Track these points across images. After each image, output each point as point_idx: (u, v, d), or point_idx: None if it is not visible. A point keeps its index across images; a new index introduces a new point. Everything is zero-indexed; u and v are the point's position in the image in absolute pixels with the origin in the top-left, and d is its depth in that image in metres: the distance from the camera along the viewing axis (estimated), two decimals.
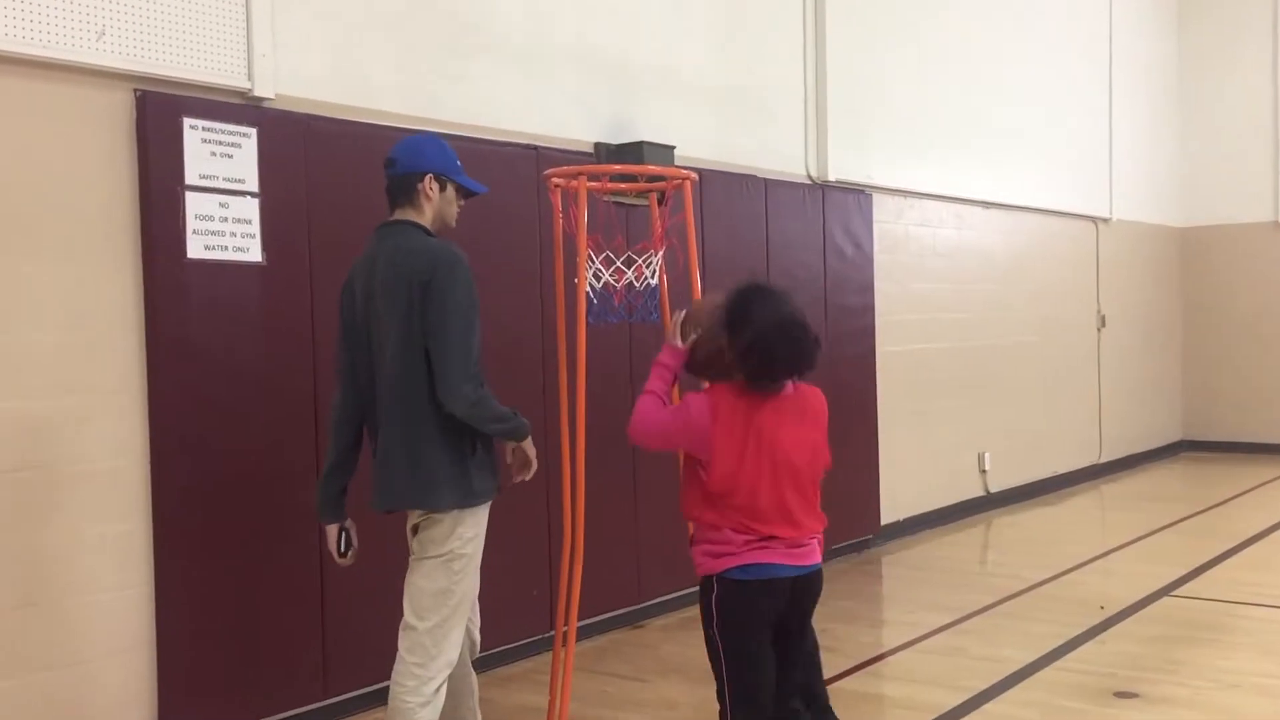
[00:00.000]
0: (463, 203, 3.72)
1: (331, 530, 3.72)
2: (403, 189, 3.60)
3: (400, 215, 3.62)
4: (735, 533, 3.21)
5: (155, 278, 4.28)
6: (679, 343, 3.43)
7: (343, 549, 3.73)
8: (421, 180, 3.58)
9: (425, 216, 3.61)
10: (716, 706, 3.26)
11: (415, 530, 3.62)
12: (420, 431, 3.47)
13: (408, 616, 3.57)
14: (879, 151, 8.28)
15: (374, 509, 3.63)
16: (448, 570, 3.52)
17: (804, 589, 3.31)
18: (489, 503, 3.61)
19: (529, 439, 3.71)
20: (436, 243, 3.55)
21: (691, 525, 3.48)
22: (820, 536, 3.36)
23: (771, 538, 3.21)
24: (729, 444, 3.20)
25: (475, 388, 3.43)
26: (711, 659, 3.32)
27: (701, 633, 3.37)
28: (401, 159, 3.61)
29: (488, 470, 3.59)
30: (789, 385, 3.30)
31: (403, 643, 3.55)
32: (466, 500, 3.51)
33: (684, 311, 3.52)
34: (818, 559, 3.35)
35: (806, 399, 3.35)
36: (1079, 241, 11.11)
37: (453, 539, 3.52)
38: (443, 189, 3.62)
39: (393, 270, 3.49)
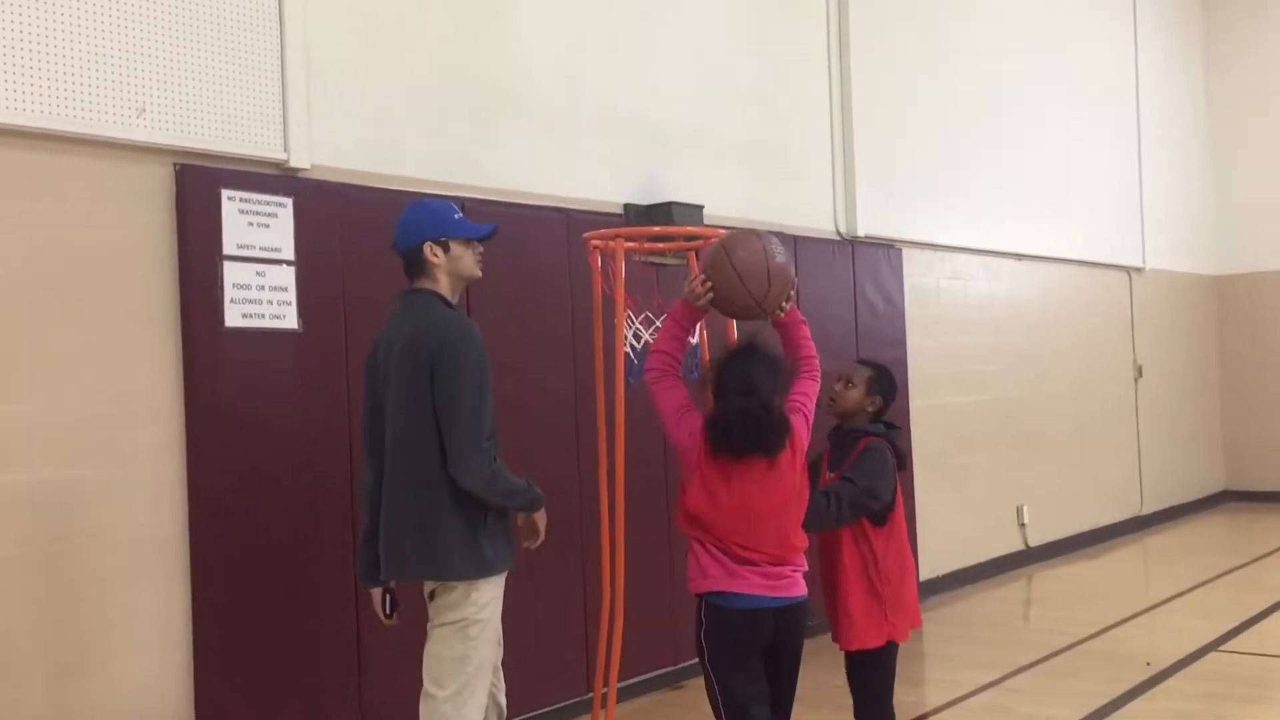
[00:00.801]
0: (480, 250, 3.69)
1: (376, 594, 3.72)
2: (411, 263, 3.63)
3: (418, 285, 3.64)
4: (712, 557, 3.39)
5: (194, 346, 4.34)
6: (699, 304, 3.53)
7: (388, 611, 3.72)
8: (421, 250, 3.58)
9: (441, 282, 3.61)
10: None
11: (431, 596, 3.60)
12: (432, 500, 3.45)
13: (427, 685, 3.54)
14: (908, 205, 8.30)
15: (384, 579, 3.64)
16: (464, 637, 3.49)
17: (789, 621, 3.41)
18: (504, 572, 3.59)
19: (541, 510, 3.70)
20: (449, 315, 3.55)
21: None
22: (803, 569, 3.45)
23: (747, 562, 3.35)
24: (705, 483, 3.35)
25: (488, 462, 3.42)
26: (710, 699, 3.42)
27: None
28: (399, 238, 3.64)
29: (501, 539, 3.56)
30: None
31: (424, 712, 3.52)
32: (480, 571, 3.49)
33: (703, 276, 3.53)
34: (800, 591, 3.42)
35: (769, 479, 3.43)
36: (1113, 291, 11.05)
37: (468, 605, 3.49)
38: (446, 249, 3.60)
39: (404, 344, 3.50)
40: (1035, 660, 6.28)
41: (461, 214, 3.70)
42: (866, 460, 3.81)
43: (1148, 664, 6.12)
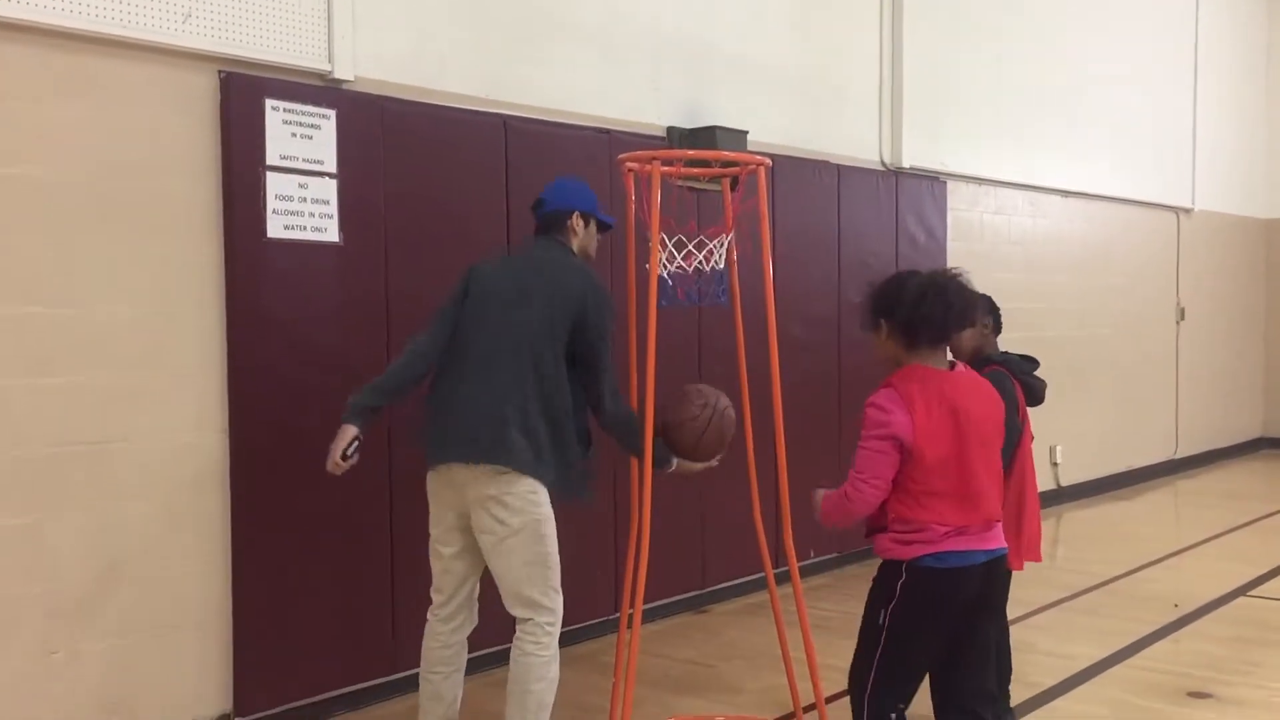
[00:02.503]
0: (599, 236, 4.09)
1: (350, 432, 3.76)
2: (553, 223, 3.98)
3: (554, 237, 3.99)
4: (936, 524, 3.10)
5: (236, 256, 4.36)
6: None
7: (349, 453, 3.76)
8: (570, 218, 3.97)
9: (572, 246, 3.98)
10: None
11: (482, 506, 3.68)
12: (550, 417, 3.74)
13: (517, 590, 3.73)
14: (954, 138, 8.17)
15: (449, 460, 3.74)
16: (538, 537, 3.72)
17: (996, 573, 3.25)
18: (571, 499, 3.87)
19: (672, 469, 4.03)
20: (594, 275, 3.95)
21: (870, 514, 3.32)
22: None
23: (967, 528, 3.11)
24: (931, 425, 3.09)
25: (628, 408, 3.95)
26: (864, 633, 3.24)
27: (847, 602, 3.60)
28: (550, 199, 4.00)
29: (577, 475, 3.87)
30: (959, 364, 3.29)
31: (521, 611, 3.74)
32: (567, 487, 3.81)
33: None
34: (1004, 543, 3.25)
35: (980, 381, 3.31)
36: (1159, 232, 10.86)
37: (537, 507, 3.72)
38: (587, 225, 4.00)
39: (558, 282, 3.81)
40: (1060, 599, 6.30)
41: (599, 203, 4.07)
42: None
43: (1175, 606, 6.13)
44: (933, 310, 3.14)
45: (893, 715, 3.19)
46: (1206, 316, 11.52)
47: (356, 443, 3.78)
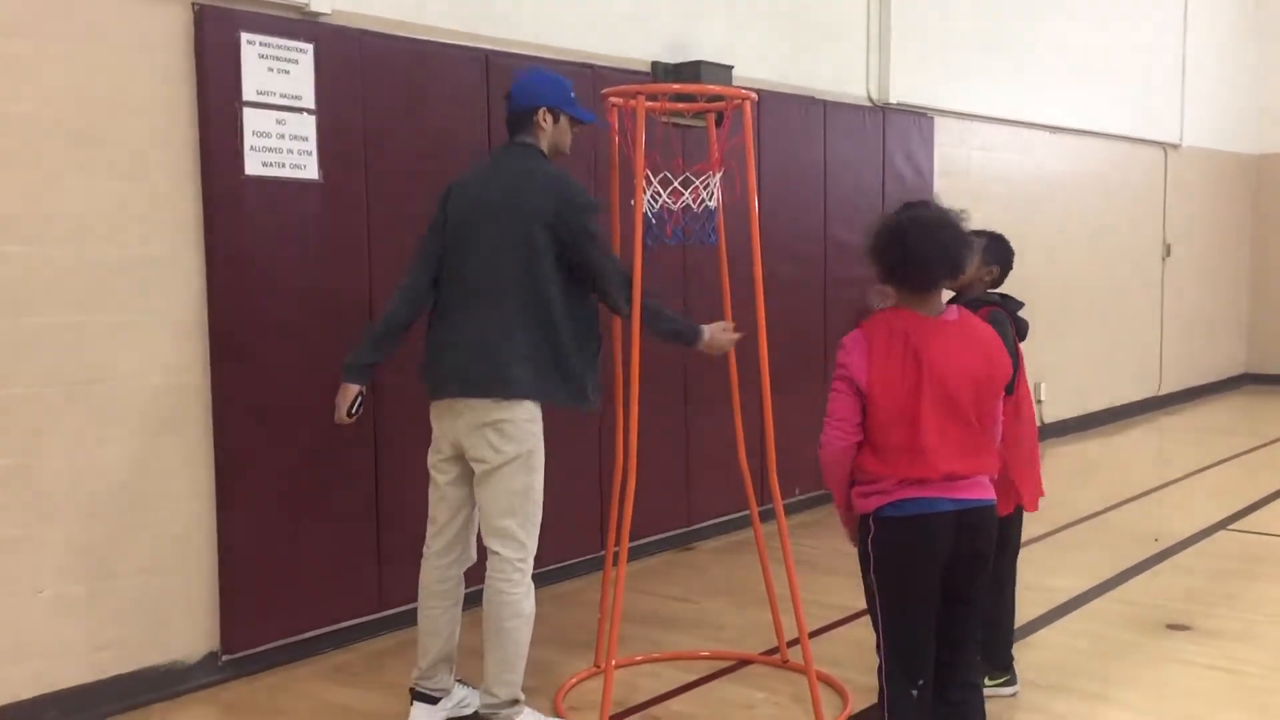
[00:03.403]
0: (576, 129, 3.94)
1: (352, 390, 3.86)
2: (520, 121, 3.85)
3: (521, 140, 3.86)
4: (887, 472, 2.96)
5: (214, 194, 4.30)
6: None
7: (354, 410, 3.87)
8: (536, 113, 3.81)
9: (541, 145, 3.85)
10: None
11: (476, 435, 3.69)
12: (547, 334, 3.69)
13: (496, 521, 3.73)
14: (942, 73, 8.09)
15: (448, 396, 3.75)
16: (527, 468, 3.72)
17: (973, 524, 2.98)
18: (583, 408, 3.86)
19: (703, 338, 4.06)
20: (561, 172, 3.82)
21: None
22: (993, 474, 3.07)
23: (923, 480, 2.93)
24: (888, 374, 2.94)
25: (642, 296, 3.88)
26: (870, 610, 3.09)
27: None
28: (517, 94, 3.85)
29: (592, 380, 3.86)
30: (953, 310, 3.05)
31: (495, 545, 3.74)
32: (576, 399, 3.79)
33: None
34: (986, 495, 3.03)
35: (971, 329, 3.05)
36: (1146, 168, 10.83)
37: (529, 437, 3.71)
38: (556, 120, 3.85)
39: (520, 192, 3.72)
40: (1044, 533, 6.35)
41: (575, 95, 3.92)
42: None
43: (1155, 540, 6.19)
44: (893, 259, 2.96)
45: (914, 692, 3.00)
46: (1192, 253, 11.53)
47: (360, 399, 3.88)
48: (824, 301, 7.07)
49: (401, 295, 3.87)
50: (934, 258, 2.96)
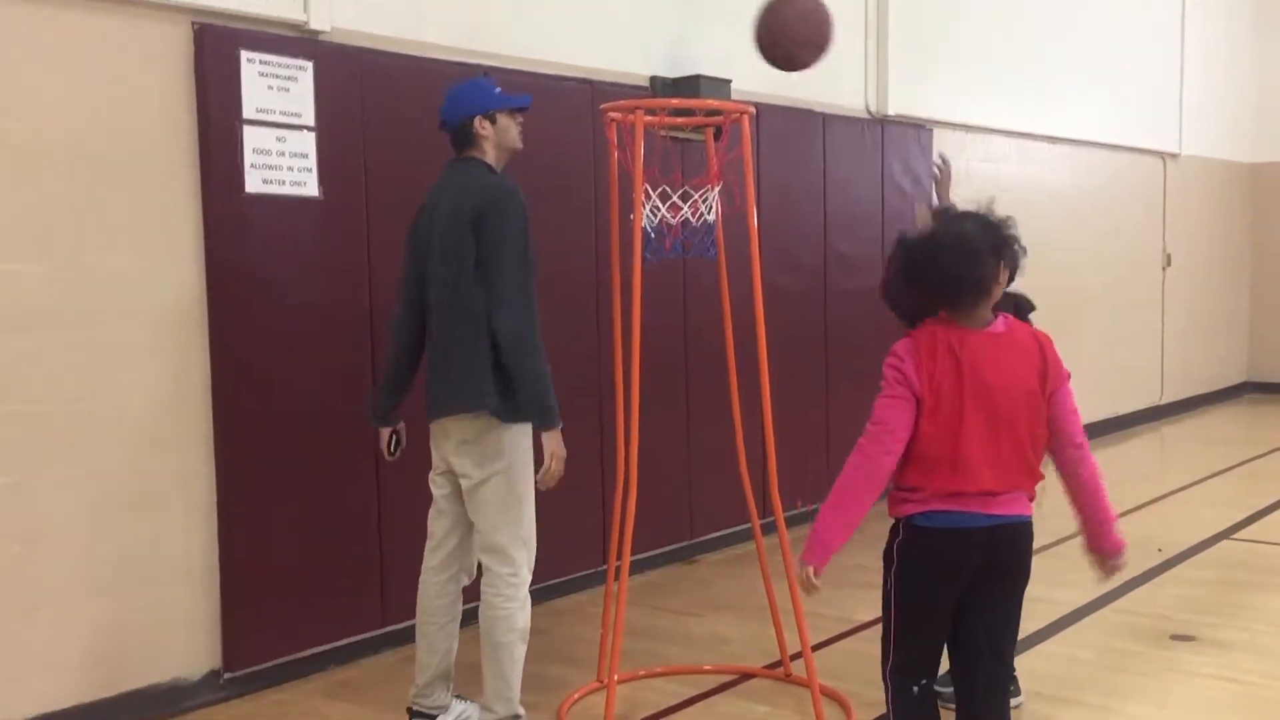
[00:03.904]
0: (519, 120, 3.87)
1: (385, 433, 4.01)
2: (461, 138, 3.81)
3: (466, 154, 3.83)
4: (925, 482, 2.90)
5: (215, 211, 4.31)
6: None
7: (393, 449, 4.04)
8: (472, 124, 3.77)
9: (489, 154, 3.81)
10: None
11: (459, 453, 3.72)
12: (479, 344, 3.64)
13: (487, 537, 3.74)
14: (941, 85, 8.11)
15: (431, 419, 3.80)
16: (509, 482, 3.71)
17: (1004, 542, 2.94)
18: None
19: (558, 435, 3.68)
20: (496, 178, 3.76)
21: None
22: (1031, 491, 3.02)
23: (960, 494, 2.87)
24: (936, 387, 2.87)
25: (528, 317, 3.60)
26: (883, 606, 3.06)
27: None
28: (448, 115, 3.82)
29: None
30: (1000, 322, 2.99)
31: (488, 560, 3.76)
32: (512, 415, 3.70)
33: None
34: (1023, 511, 2.98)
35: (1019, 339, 3.00)
36: (1146, 177, 10.84)
37: (506, 453, 3.69)
38: (494, 122, 3.79)
39: (451, 202, 3.71)
40: (1046, 544, 6.29)
41: (500, 87, 3.85)
42: None
43: (1159, 550, 6.18)
44: (924, 278, 2.92)
45: (915, 689, 3.01)
46: (1192, 262, 11.53)
47: (395, 437, 4.02)
48: (824, 313, 7.07)
49: (394, 332, 3.95)
50: (955, 281, 2.90)
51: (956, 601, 2.98)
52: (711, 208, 4.18)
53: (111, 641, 4.14)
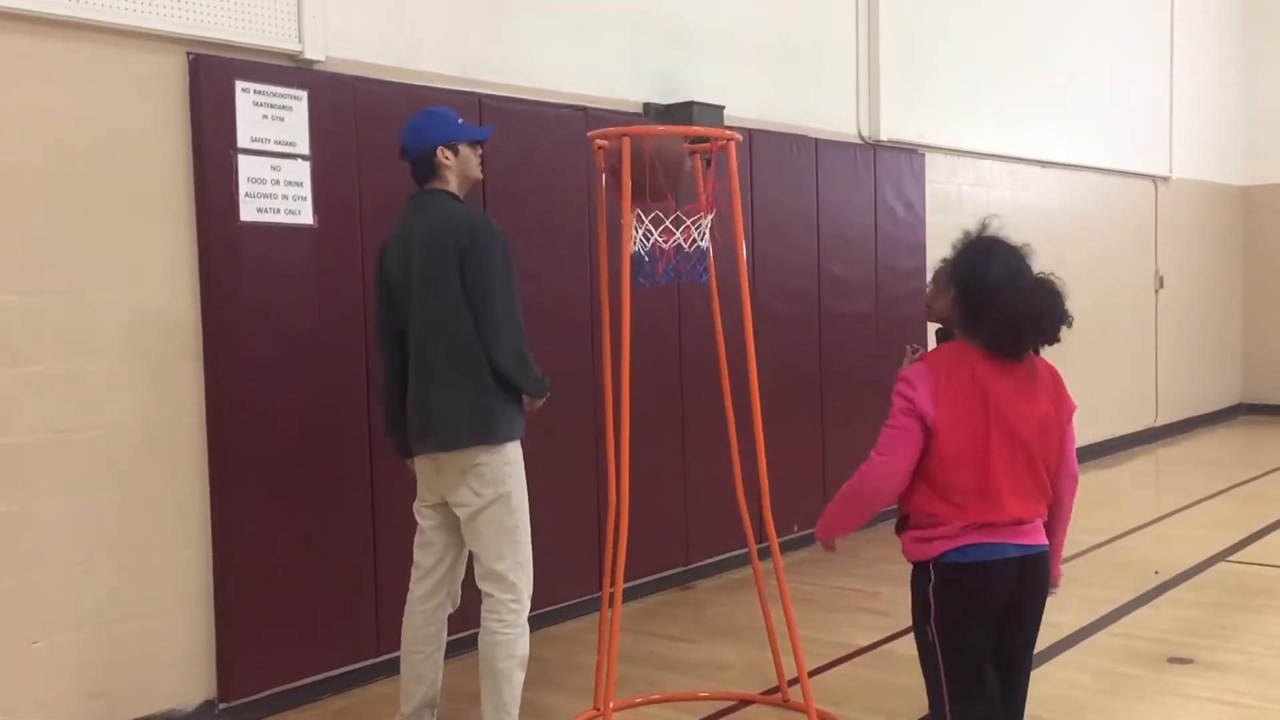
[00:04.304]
0: (479, 151, 3.90)
1: (410, 466, 3.99)
2: (423, 168, 3.82)
3: (429, 186, 3.83)
4: (954, 515, 2.81)
5: (209, 240, 4.32)
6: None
7: None
8: (435, 155, 3.78)
9: (451, 184, 3.83)
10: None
11: (457, 484, 3.71)
12: (479, 381, 3.67)
13: (487, 565, 3.74)
14: (932, 110, 8.15)
15: (422, 453, 3.80)
16: (508, 509, 3.72)
17: (1032, 571, 2.90)
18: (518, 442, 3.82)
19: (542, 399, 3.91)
20: (467, 209, 3.81)
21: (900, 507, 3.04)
22: (1044, 518, 2.97)
23: (992, 524, 2.81)
24: (955, 412, 2.79)
25: (521, 342, 3.69)
26: (924, 660, 2.94)
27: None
28: (410, 144, 3.83)
29: (520, 413, 3.83)
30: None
31: (487, 587, 3.76)
32: (517, 433, 3.76)
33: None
34: (1043, 540, 2.94)
35: (1035, 368, 2.97)
36: (1138, 201, 10.89)
37: (505, 479, 3.71)
38: (456, 153, 3.81)
39: (428, 235, 3.72)
40: None
41: (462, 119, 3.88)
42: None
43: (1155, 572, 6.17)
44: (1008, 321, 2.84)
45: None
46: (1185, 284, 11.57)
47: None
48: (818, 338, 7.08)
49: (383, 371, 3.95)
50: (1025, 324, 2.87)
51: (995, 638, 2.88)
52: (704, 234, 4.20)
53: (108, 672, 4.12)
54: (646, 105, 6.06)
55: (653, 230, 4.08)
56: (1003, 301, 2.85)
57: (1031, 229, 9.18)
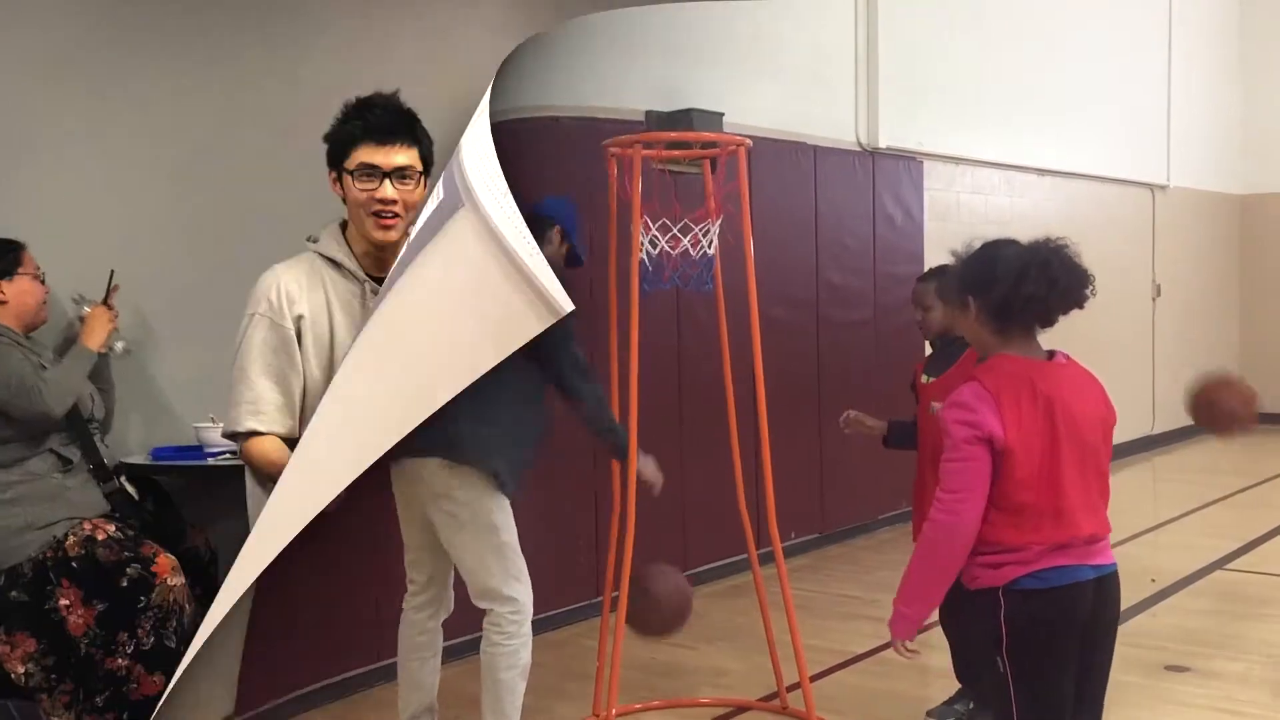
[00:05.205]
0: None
1: None
2: None
3: None
4: (1031, 542, 2.61)
5: None
6: None
7: None
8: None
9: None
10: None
11: (437, 505, 3.66)
12: (500, 404, 3.57)
13: (480, 584, 3.66)
14: (931, 117, 8.18)
15: (425, 456, 3.68)
16: (492, 527, 3.62)
17: (1108, 594, 2.77)
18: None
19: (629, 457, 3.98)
20: None
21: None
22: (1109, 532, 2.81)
23: (1069, 544, 2.64)
24: (1024, 429, 2.60)
25: (598, 387, 3.83)
26: (994, 692, 2.70)
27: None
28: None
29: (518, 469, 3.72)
30: (1060, 353, 2.86)
31: (485, 603, 3.67)
32: (512, 482, 3.64)
33: None
34: (1113, 559, 2.79)
35: (1081, 370, 2.87)
36: (1135, 209, 10.92)
37: (488, 504, 3.60)
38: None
39: None
40: None
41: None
42: None
43: (1152, 580, 6.19)
44: (1035, 289, 2.70)
45: None
46: (1182, 293, 11.60)
47: None
48: (817, 344, 7.10)
49: None
50: (1055, 290, 2.78)
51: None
52: (712, 241, 4.22)
53: None
54: (648, 113, 6.08)
55: (660, 237, 4.10)
56: (1025, 266, 2.75)
57: (1028, 237, 9.24)
